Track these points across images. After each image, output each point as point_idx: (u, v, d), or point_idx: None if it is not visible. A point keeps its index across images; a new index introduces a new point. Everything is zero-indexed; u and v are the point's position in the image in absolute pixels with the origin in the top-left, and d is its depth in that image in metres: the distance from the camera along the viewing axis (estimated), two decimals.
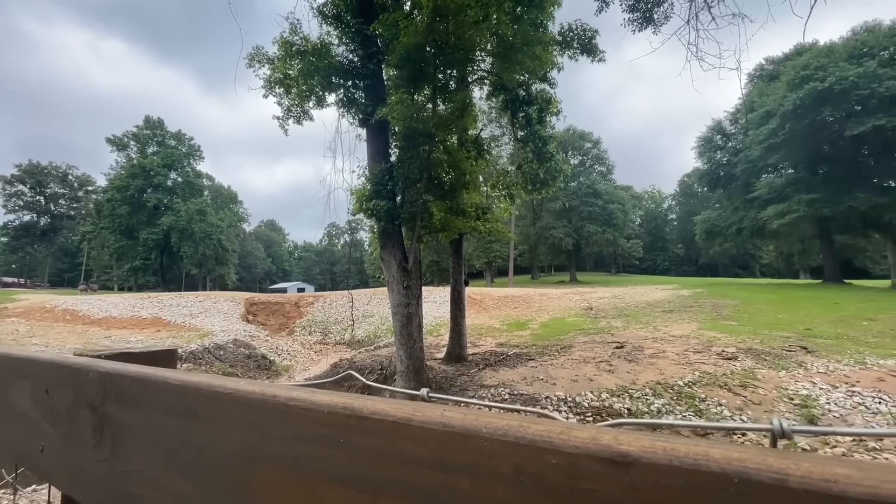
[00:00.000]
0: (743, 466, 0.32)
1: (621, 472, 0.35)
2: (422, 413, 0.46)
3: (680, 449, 0.35)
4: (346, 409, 0.50)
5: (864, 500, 0.28)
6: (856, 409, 7.02)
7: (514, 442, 0.40)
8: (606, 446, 0.37)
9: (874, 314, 15.24)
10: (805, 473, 0.30)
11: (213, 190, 70.43)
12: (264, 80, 9.73)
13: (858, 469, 0.30)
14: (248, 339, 16.42)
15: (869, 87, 24.39)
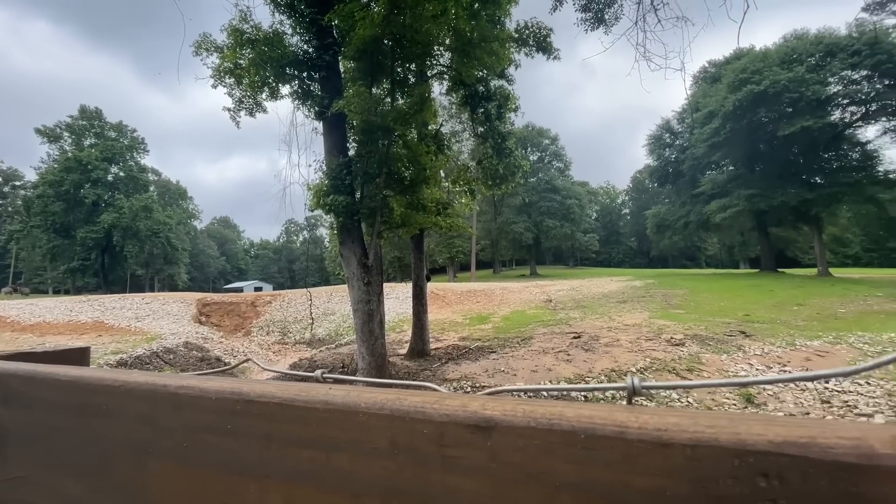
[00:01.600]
0: (591, 423, 0.35)
1: (485, 436, 0.37)
2: (306, 393, 0.46)
3: (538, 411, 0.37)
4: (234, 394, 0.50)
5: (689, 444, 0.32)
6: (787, 387, 7.63)
7: (390, 415, 0.41)
8: (473, 413, 0.38)
9: (803, 300, 16.63)
10: (642, 424, 0.34)
11: (160, 185, 66.46)
12: (213, 69, 9.26)
13: (687, 418, 0.34)
14: (200, 342, 15.68)
15: (798, 90, 26.42)
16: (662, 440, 0.33)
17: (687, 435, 0.32)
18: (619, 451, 0.34)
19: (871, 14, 24.19)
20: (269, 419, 0.47)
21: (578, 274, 49.31)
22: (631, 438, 0.34)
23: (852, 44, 25.79)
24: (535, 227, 54.79)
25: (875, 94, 25.93)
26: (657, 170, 42.92)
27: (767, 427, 0.32)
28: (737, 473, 0.30)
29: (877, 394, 6.87)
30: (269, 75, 8.83)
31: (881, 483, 0.26)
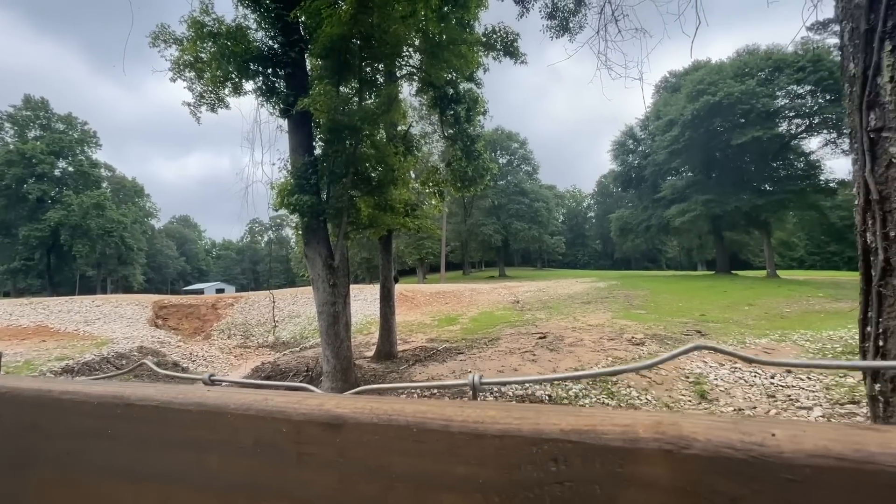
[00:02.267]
0: (423, 417, 0.38)
1: (334, 433, 0.40)
2: (183, 395, 0.48)
3: (382, 408, 0.40)
4: (115, 398, 0.50)
5: (498, 434, 0.35)
6: (737, 383, 8.03)
7: (256, 415, 0.44)
8: (327, 411, 0.41)
9: (753, 300, 17.59)
10: (465, 418, 0.38)
11: (114, 182, 62.93)
12: (172, 62, 8.87)
13: (503, 411, 0.38)
14: (156, 346, 14.95)
15: (749, 102, 28.00)
16: (478, 431, 0.36)
17: (498, 426, 0.36)
18: (444, 442, 0.37)
19: (815, 33, 25.94)
20: (148, 422, 0.48)
21: (546, 275, 50.26)
22: (454, 431, 0.37)
23: (797, 60, 27.58)
24: (504, 230, 55.47)
25: (818, 108, 27.82)
26: (621, 175, 44.38)
27: (561, 417, 0.35)
28: (534, 459, 0.34)
29: (816, 388, 7.34)
30: (232, 70, 8.54)
31: (641, 463, 0.30)
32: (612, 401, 7.72)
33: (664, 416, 0.34)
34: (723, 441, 0.30)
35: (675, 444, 0.31)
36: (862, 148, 0.91)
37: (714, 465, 0.30)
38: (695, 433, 0.31)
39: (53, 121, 49.94)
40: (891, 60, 0.85)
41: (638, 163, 41.98)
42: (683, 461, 0.30)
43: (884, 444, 0.27)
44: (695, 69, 34.64)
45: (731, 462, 0.29)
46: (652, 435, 0.31)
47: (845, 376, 7.54)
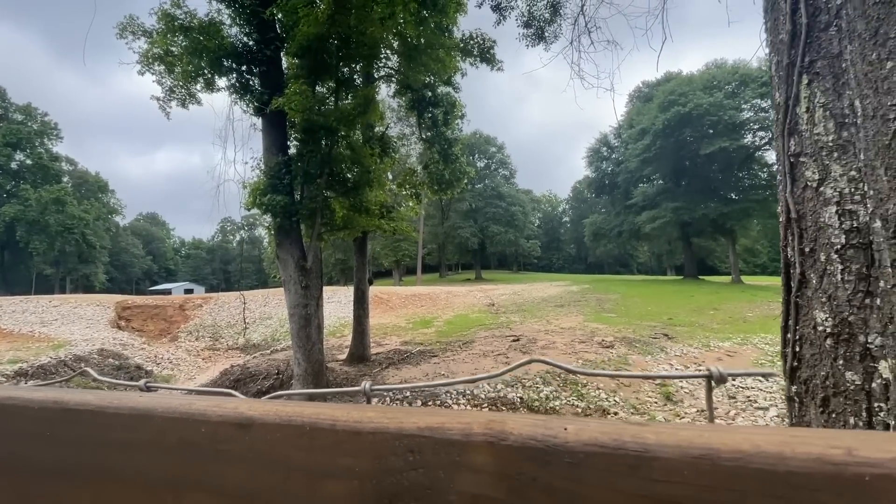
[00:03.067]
0: (316, 418, 0.47)
1: (244, 432, 0.47)
2: (118, 400, 0.54)
3: (285, 410, 0.48)
4: (56, 403, 0.56)
5: (372, 431, 0.45)
6: (700, 385, 8.32)
7: (179, 417, 0.50)
8: (240, 413, 0.48)
9: (719, 304, 18.28)
10: (347, 419, 0.46)
11: (76, 176, 60.11)
12: (140, 54, 8.59)
13: (379, 412, 0.46)
14: (118, 349, 14.36)
15: (717, 114, 29.16)
16: (357, 429, 0.45)
17: (372, 425, 0.44)
18: (331, 439, 0.45)
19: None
20: (85, 425, 0.54)
21: (521, 279, 50.84)
22: (339, 429, 0.45)
23: (762, 76, 28.90)
24: (481, 233, 55.86)
25: None
26: (595, 181, 45.42)
27: (421, 417, 0.44)
28: (396, 451, 0.42)
29: (773, 389, 7.69)
30: (205, 66, 8.33)
31: (472, 452, 0.40)
32: (582, 402, 7.88)
33: (496, 416, 0.43)
34: (530, 434, 0.39)
35: (496, 437, 0.40)
36: (784, 170, 1.00)
37: (522, 452, 0.39)
38: (513, 429, 0.40)
39: (11, 111, 47.40)
40: (807, 93, 0.94)
41: (611, 170, 43.05)
42: (502, 450, 0.39)
43: (635, 435, 0.37)
44: (667, 80, 35.84)
45: (534, 450, 0.38)
46: (483, 430, 0.41)
47: None
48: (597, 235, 43.79)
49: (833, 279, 0.92)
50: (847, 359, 0.90)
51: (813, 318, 0.96)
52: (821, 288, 0.94)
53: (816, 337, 0.96)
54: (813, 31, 0.95)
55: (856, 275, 0.88)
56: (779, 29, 1.03)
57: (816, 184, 0.95)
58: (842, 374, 0.91)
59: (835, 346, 0.92)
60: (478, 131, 60.23)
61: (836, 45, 0.91)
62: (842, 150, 0.91)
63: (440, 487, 0.40)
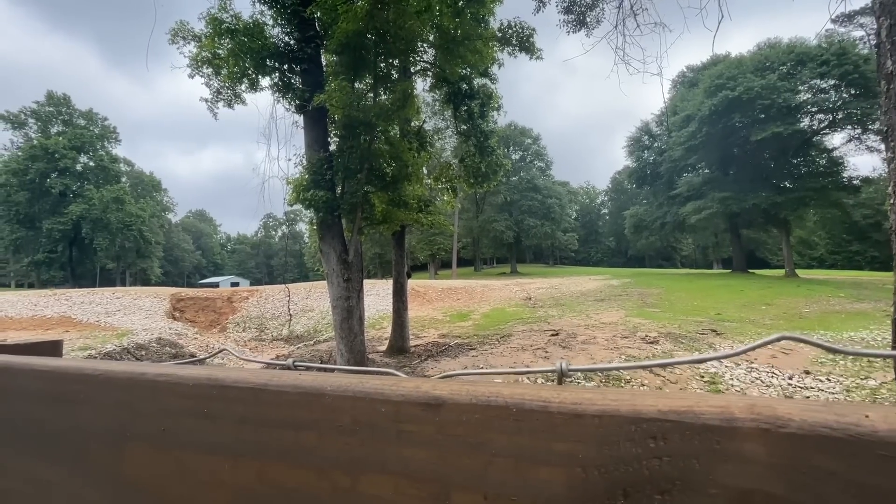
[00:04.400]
0: (521, 399, 0.43)
1: (434, 412, 0.45)
2: (278, 378, 0.52)
3: (479, 390, 0.45)
4: (210, 381, 0.55)
5: (597, 414, 0.40)
6: (753, 383, 7.91)
7: (353, 396, 0.48)
8: (425, 393, 0.46)
9: (771, 299, 17.26)
10: (562, 400, 0.42)
11: (133, 176, 64.20)
12: (190, 58, 9.03)
13: (598, 393, 0.42)
14: (174, 338, 15.29)
15: (770, 97, 27.33)
16: (577, 412, 0.41)
17: (596, 407, 0.40)
18: (543, 421, 0.41)
19: (840, 25, 25.20)
20: (244, 403, 0.53)
21: (558, 272, 49.95)
22: (553, 411, 0.41)
23: (821, 54, 26.81)
24: (516, 226, 55.23)
25: (841, 103, 27.04)
26: (636, 171, 43.78)
27: (658, 400, 0.39)
28: (633, 437, 0.38)
29: (836, 390, 7.20)
30: (249, 66, 8.65)
31: (738, 440, 0.35)
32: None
33: (757, 399, 0.37)
34: (818, 421, 0.33)
35: (771, 424, 0.34)
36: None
37: (811, 442, 0.33)
38: (790, 414, 0.34)
39: (75, 116, 51.09)
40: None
41: (653, 159, 41.36)
42: (781, 438, 0.34)
43: None
44: (713, 63, 33.91)
45: (827, 440, 0.32)
46: (748, 415, 0.35)
47: (866, 378, 7.39)
48: (638, 228, 42.26)
49: None
50: None
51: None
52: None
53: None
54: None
55: None
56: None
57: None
58: None
59: None
60: (513, 123, 59.40)
61: None
62: None
63: (695, 478, 0.36)
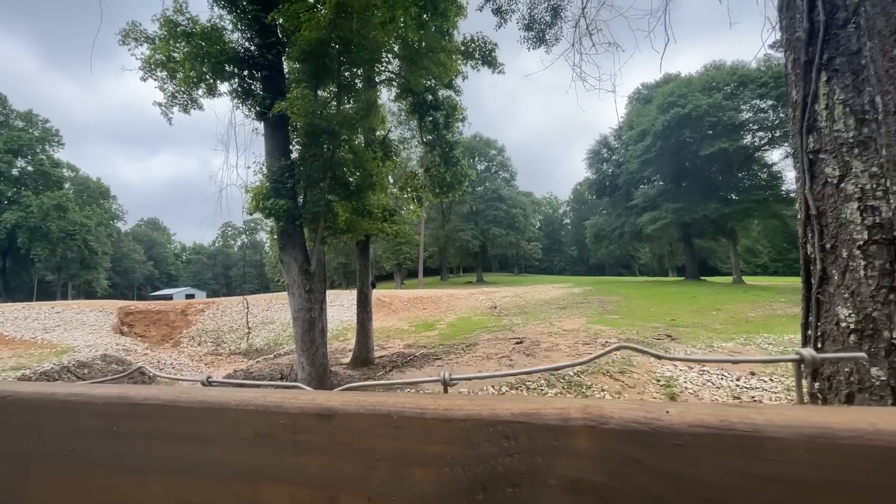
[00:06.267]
0: (402, 407, 0.47)
1: (326, 422, 0.48)
2: (186, 395, 0.54)
3: (368, 400, 0.49)
4: (120, 398, 0.56)
5: (462, 419, 0.45)
6: (705, 385, 8.30)
7: (255, 410, 0.50)
8: (319, 404, 0.49)
9: (721, 305, 18.23)
10: (436, 406, 0.47)
11: (78, 182, 60.27)
12: (143, 61, 8.65)
13: (467, 400, 0.47)
14: (122, 354, 14.36)
15: (716, 115, 29.18)
16: (447, 417, 0.45)
17: (463, 412, 0.45)
18: (419, 427, 0.46)
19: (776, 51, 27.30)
20: (153, 419, 0.54)
21: (523, 281, 50.77)
22: (427, 417, 0.46)
23: (760, 76, 28.93)
24: (482, 235, 55.84)
25: (779, 122, 29.22)
26: (596, 183, 45.40)
27: (514, 404, 0.44)
28: (491, 437, 0.43)
29: (778, 389, 7.67)
30: (207, 71, 8.38)
31: (572, 437, 0.40)
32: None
33: (591, 401, 0.43)
34: (632, 417, 0.40)
35: (597, 421, 0.40)
36: (803, 167, 1.01)
37: (624, 435, 0.39)
38: (612, 412, 0.41)
39: (11, 118, 47.58)
40: (826, 90, 0.95)
41: (612, 171, 43.04)
42: (603, 433, 0.40)
43: (742, 416, 0.37)
44: (666, 82, 35.87)
45: (636, 433, 0.39)
46: (581, 415, 0.41)
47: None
48: (598, 237, 43.73)
49: (856, 275, 0.92)
50: (872, 354, 0.90)
51: (836, 315, 0.97)
52: (843, 284, 0.94)
53: (839, 333, 0.96)
54: (831, 29, 0.96)
55: (879, 270, 0.88)
56: (795, 27, 1.04)
57: (837, 180, 0.95)
58: (866, 370, 0.91)
59: (858, 341, 0.92)
60: (478, 134, 60.39)
61: (854, 42, 0.92)
62: (863, 147, 0.92)
63: (538, 472, 0.41)
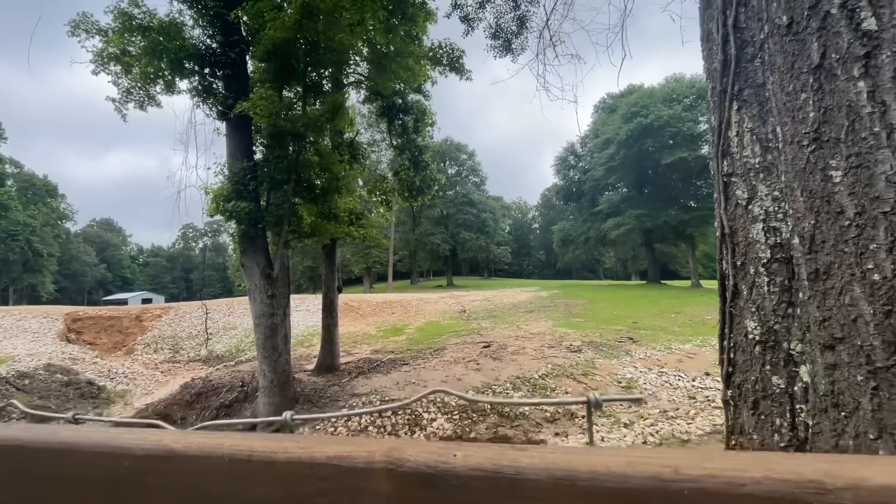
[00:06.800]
0: (235, 449, 0.49)
1: (167, 464, 0.49)
2: (44, 435, 0.54)
3: (207, 442, 0.50)
4: None
5: (286, 461, 0.46)
6: (663, 386, 8.61)
7: (105, 451, 0.50)
8: (164, 446, 0.50)
9: (679, 308, 19.00)
10: (263, 449, 0.49)
11: (22, 179, 56.46)
12: (95, 54, 8.23)
13: (294, 442, 0.49)
14: (68, 363, 13.53)
15: (676, 125, 30.56)
16: (271, 459, 0.47)
17: (286, 454, 0.47)
18: (248, 469, 0.47)
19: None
20: (7, 459, 0.54)
21: (492, 285, 51.27)
22: (255, 459, 0.47)
23: None
24: (452, 239, 56.07)
25: None
26: (563, 189, 46.54)
27: (331, 446, 0.46)
28: (308, 479, 0.45)
29: None
30: (165, 67, 8.06)
31: (373, 479, 0.44)
32: (552, 408, 7.99)
33: (398, 443, 0.46)
34: (424, 461, 0.42)
35: (395, 464, 0.43)
36: (719, 189, 1.09)
37: (416, 477, 0.42)
38: (410, 455, 0.43)
39: None
40: (737, 118, 1.03)
41: (578, 178, 44.24)
42: (399, 476, 0.42)
43: (512, 459, 0.40)
44: (630, 92, 37.27)
45: (426, 475, 0.41)
46: (384, 458, 0.44)
47: None
48: (565, 242, 44.79)
49: (760, 290, 0.99)
50: (773, 364, 0.98)
51: (744, 327, 1.04)
52: (750, 299, 1.02)
53: (747, 344, 1.03)
54: (741, 62, 1.04)
55: (779, 286, 0.96)
56: (712, 58, 1.12)
57: (746, 202, 1.03)
58: (769, 378, 0.98)
59: (762, 352, 1.00)
60: (448, 138, 60.67)
61: (760, 76, 1.00)
62: (766, 172, 1.00)
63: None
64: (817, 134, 0.80)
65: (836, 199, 0.77)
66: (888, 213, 0.70)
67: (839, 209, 0.77)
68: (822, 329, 0.80)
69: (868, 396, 0.72)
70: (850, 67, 0.75)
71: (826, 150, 0.79)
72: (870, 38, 0.73)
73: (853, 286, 0.73)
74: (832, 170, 0.78)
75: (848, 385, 0.75)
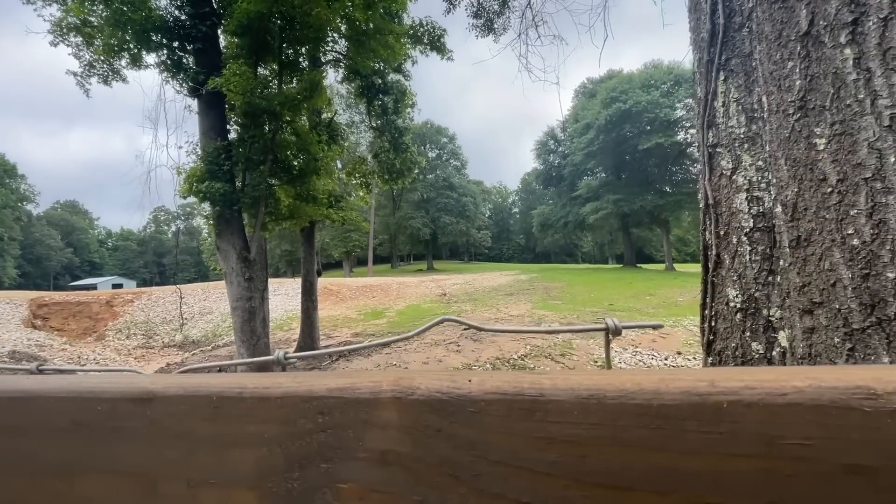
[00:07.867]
0: (222, 387, 0.47)
1: (146, 406, 0.47)
2: (2, 384, 0.52)
3: (190, 382, 0.48)
4: None
5: (280, 396, 0.45)
6: (638, 365, 8.90)
7: (71, 397, 0.48)
8: (139, 388, 0.48)
9: (654, 290, 19.56)
10: (255, 385, 0.47)
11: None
12: (53, 23, 7.73)
13: (289, 378, 0.47)
14: (34, 350, 13.04)
15: (654, 111, 30.92)
16: (265, 395, 0.45)
17: (281, 390, 0.45)
18: (237, 407, 0.45)
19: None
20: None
21: (472, 268, 51.58)
22: (246, 396, 0.45)
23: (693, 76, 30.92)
24: (433, 223, 55.93)
25: None
26: (542, 173, 46.80)
27: (331, 380, 0.45)
28: (306, 414, 0.43)
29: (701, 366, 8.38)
30: (130, 39, 7.62)
31: (380, 409, 0.41)
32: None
33: (406, 373, 0.44)
34: (436, 388, 0.41)
35: (404, 393, 0.41)
36: (703, 160, 1.10)
37: (427, 405, 0.40)
38: (420, 384, 0.42)
39: None
40: (724, 88, 1.04)
41: (558, 163, 44.53)
42: (408, 404, 0.41)
43: (532, 382, 0.39)
44: (609, 77, 37.44)
45: (439, 402, 0.40)
46: (391, 387, 0.42)
47: None
48: (544, 226, 45.25)
49: (742, 259, 1.02)
50: (753, 331, 1.01)
51: (726, 295, 1.07)
52: (732, 268, 1.05)
53: (728, 312, 1.06)
54: (729, 31, 1.05)
55: (761, 255, 0.99)
56: (700, 28, 1.12)
57: (730, 172, 1.05)
58: (748, 344, 1.02)
59: (743, 319, 1.03)
60: (429, 121, 59.99)
61: (747, 45, 1.01)
62: (751, 142, 1.01)
63: (349, 446, 0.41)
64: (803, 102, 0.82)
65: (819, 166, 0.78)
66: (869, 178, 0.72)
67: (822, 176, 0.78)
68: (801, 294, 0.83)
69: (844, 358, 0.75)
70: (837, 34, 0.76)
71: (811, 118, 0.80)
72: (857, 4, 0.74)
73: (833, 251, 0.76)
74: (816, 137, 0.79)
75: (825, 347, 0.78)
